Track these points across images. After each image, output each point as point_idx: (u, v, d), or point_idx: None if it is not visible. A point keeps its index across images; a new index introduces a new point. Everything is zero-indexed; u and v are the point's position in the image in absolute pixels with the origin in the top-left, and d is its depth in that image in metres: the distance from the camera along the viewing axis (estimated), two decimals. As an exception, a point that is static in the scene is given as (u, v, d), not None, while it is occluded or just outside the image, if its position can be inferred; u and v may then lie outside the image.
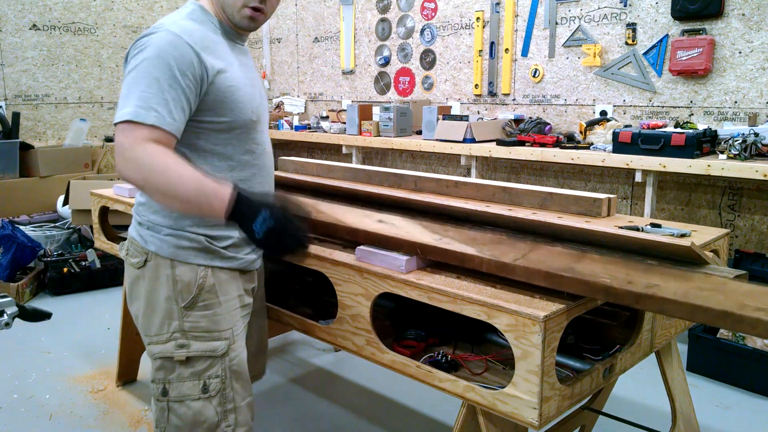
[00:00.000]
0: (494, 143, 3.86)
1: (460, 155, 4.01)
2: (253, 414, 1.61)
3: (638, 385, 2.80)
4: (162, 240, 1.50)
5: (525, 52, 4.17)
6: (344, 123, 4.86)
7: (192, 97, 1.39)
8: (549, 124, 3.90)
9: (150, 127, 1.32)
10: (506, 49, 4.25)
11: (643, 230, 1.77)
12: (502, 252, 1.46)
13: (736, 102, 3.33)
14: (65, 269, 4.10)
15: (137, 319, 1.58)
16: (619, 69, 3.74)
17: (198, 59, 1.38)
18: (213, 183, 1.31)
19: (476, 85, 4.45)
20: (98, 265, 4.19)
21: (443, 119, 4.13)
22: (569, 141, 3.65)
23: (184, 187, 1.29)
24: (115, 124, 1.34)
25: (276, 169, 2.85)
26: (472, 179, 2.46)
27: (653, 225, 1.85)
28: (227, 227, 1.50)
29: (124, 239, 2.72)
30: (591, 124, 3.67)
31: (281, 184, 2.18)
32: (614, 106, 3.80)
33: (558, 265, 1.36)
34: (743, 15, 3.24)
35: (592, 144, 3.56)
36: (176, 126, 1.37)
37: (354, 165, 2.81)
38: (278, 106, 5.81)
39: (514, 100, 4.29)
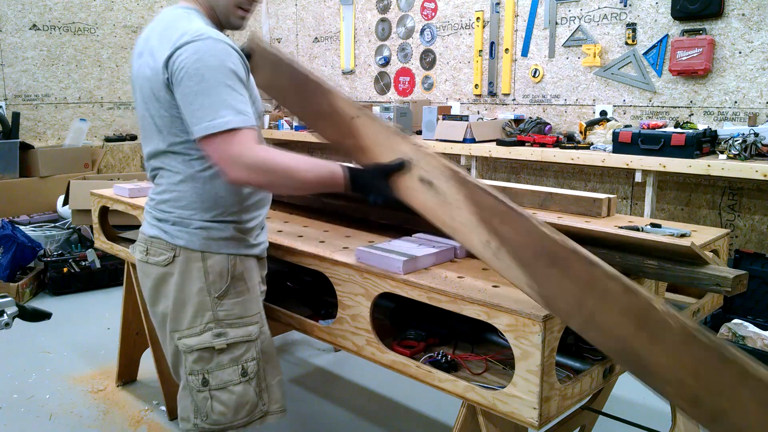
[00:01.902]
0: (494, 143, 3.86)
1: (460, 155, 4.01)
2: (284, 392, 1.68)
3: (638, 385, 2.79)
4: (191, 233, 1.53)
5: (525, 52, 4.17)
6: (344, 123, 4.85)
7: None
8: (549, 124, 3.90)
9: (249, 129, 1.41)
10: (506, 49, 4.25)
11: (643, 230, 1.77)
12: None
13: (736, 102, 3.33)
14: (65, 269, 4.10)
15: (164, 317, 1.58)
16: (619, 69, 3.74)
17: (243, 61, 1.47)
18: (327, 173, 1.47)
19: (476, 85, 4.45)
20: (98, 265, 4.19)
21: (443, 119, 4.13)
22: (569, 141, 3.65)
23: (308, 184, 1.46)
24: (209, 135, 1.38)
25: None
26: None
27: (653, 225, 1.85)
28: (250, 210, 1.60)
29: (125, 239, 2.74)
30: (591, 124, 3.67)
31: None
32: (614, 106, 3.80)
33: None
34: (743, 15, 3.24)
35: (592, 144, 3.56)
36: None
37: (354, 165, 2.80)
38: (278, 106, 5.80)
39: (514, 100, 4.29)
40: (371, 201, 1.51)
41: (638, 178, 3.25)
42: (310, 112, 1.68)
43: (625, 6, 3.66)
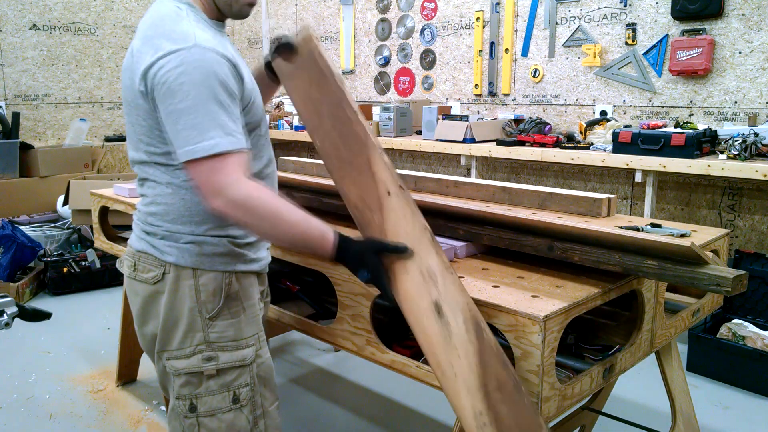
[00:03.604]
0: (494, 143, 3.86)
1: (460, 155, 4.01)
2: (280, 415, 1.58)
3: (638, 385, 2.80)
4: (181, 249, 1.41)
5: (525, 52, 4.17)
6: (344, 123, 4.85)
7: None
8: (549, 124, 3.90)
9: (238, 153, 1.29)
10: (506, 49, 4.25)
11: (643, 230, 1.77)
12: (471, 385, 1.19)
13: (736, 102, 3.33)
14: (65, 269, 4.10)
15: (153, 339, 1.47)
16: (619, 69, 3.74)
17: (236, 71, 1.35)
18: (317, 234, 1.35)
19: (476, 85, 4.45)
20: (98, 265, 4.19)
21: (443, 119, 4.13)
22: (569, 141, 3.65)
23: (289, 239, 1.35)
24: (194, 160, 1.27)
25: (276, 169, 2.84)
26: (472, 179, 2.46)
27: (653, 225, 1.85)
28: None
29: (125, 240, 2.74)
30: (591, 124, 3.67)
31: (283, 185, 2.16)
32: (614, 106, 3.80)
33: None
34: (743, 15, 3.24)
35: (592, 144, 3.56)
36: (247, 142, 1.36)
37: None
38: (278, 106, 5.80)
39: (514, 100, 4.29)
40: (361, 279, 1.39)
41: (638, 178, 3.24)
42: (341, 158, 1.48)
43: (625, 6, 3.66)
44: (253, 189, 1.29)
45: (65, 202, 4.41)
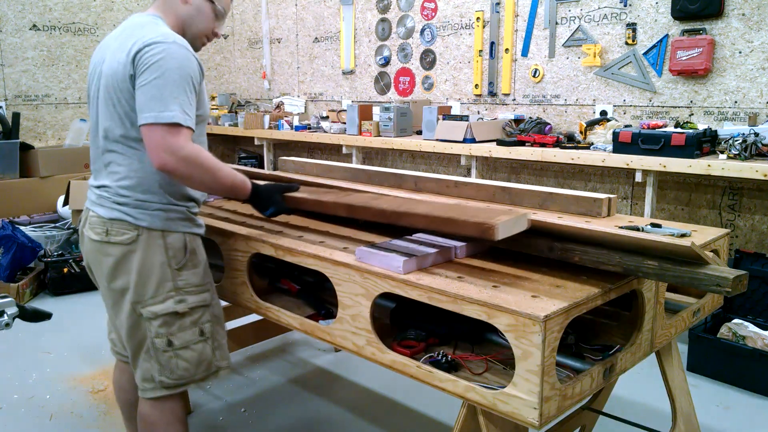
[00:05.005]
0: (494, 143, 3.86)
1: (460, 155, 4.01)
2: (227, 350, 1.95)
3: (638, 385, 2.80)
4: (152, 215, 1.74)
5: (525, 52, 4.17)
6: (344, 123, 4.86)
7: None
8: (549, 124, 3.90)
9: (188, 128, 1.65)
10: (506, 49, 4.25)
11: (643, 230, 1.77)
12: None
13: (736, 102, 3.33)
14: (65, 269, 4.10)
15: (123, 292, 1.75)
16: (619, 69, 3.74)
17: (200, 70, 1.72)
18: (240, 181, 1.82)
19: (476, 85, 4.45)
20: (98, 265, 4.19)
21: (443, 119, 4.13)
22: (569, 141, 3.65)
23: (223, 185, 1.77)
24: (155, 123, 1.59)
25: (275, 169, 2.88)
26: (472, 179, 2.46)
27: (653, 225, 1.85)
28: (194, 197, 1.85)
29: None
30: (591, 124, 3.67)
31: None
32: (614, 106, 3.80)
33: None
34: (743, 15, 3.24)
35: (592, 144, 3.56)
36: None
37: (354, 165, 2.81)
38: (278, 106, 5.80)
39: (514, 100, 4.29)
40: (267, 213, 1.93)
41: (638, 178, 3.25)
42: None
43: (625, 6, 3.66)
44: (198, 150, 1.67)
45: (65, 203, 4.41)
